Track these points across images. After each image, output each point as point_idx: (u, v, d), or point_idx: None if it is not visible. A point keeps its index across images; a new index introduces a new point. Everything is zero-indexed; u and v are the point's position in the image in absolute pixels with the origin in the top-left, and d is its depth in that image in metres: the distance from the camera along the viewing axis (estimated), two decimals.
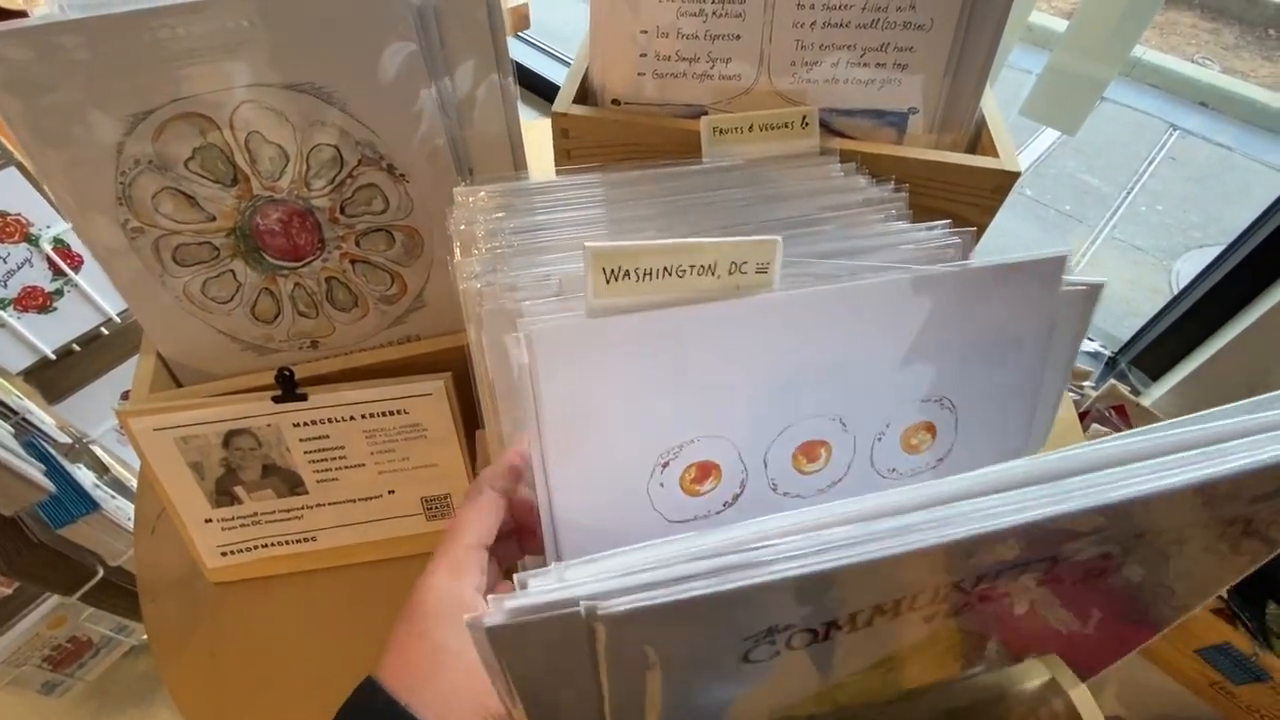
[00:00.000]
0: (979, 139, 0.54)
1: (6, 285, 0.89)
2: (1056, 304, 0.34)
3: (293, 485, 0.53)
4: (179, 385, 0.53)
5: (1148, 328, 1.05)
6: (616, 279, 0.28)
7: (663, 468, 0.33)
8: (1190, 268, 2.01)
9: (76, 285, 0.95)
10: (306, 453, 0.51)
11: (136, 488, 0.65)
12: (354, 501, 0.55)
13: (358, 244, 0.50)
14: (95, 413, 1.03)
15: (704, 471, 0.34)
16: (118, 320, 1.00)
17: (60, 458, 0.91)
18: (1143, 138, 2.48)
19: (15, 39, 0.38)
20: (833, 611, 0.21)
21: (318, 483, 0.53)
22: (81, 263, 0.94)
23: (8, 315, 0.90)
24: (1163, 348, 1.00)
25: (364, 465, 0.53)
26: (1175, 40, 2.95)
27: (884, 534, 0.19)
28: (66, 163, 0.43)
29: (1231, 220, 2.14)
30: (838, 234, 0.41)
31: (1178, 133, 2.51)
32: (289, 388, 0.48)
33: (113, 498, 0.98)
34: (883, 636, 0.24)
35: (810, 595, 0.20)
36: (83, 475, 0.94)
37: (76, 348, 0.98)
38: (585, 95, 0.56)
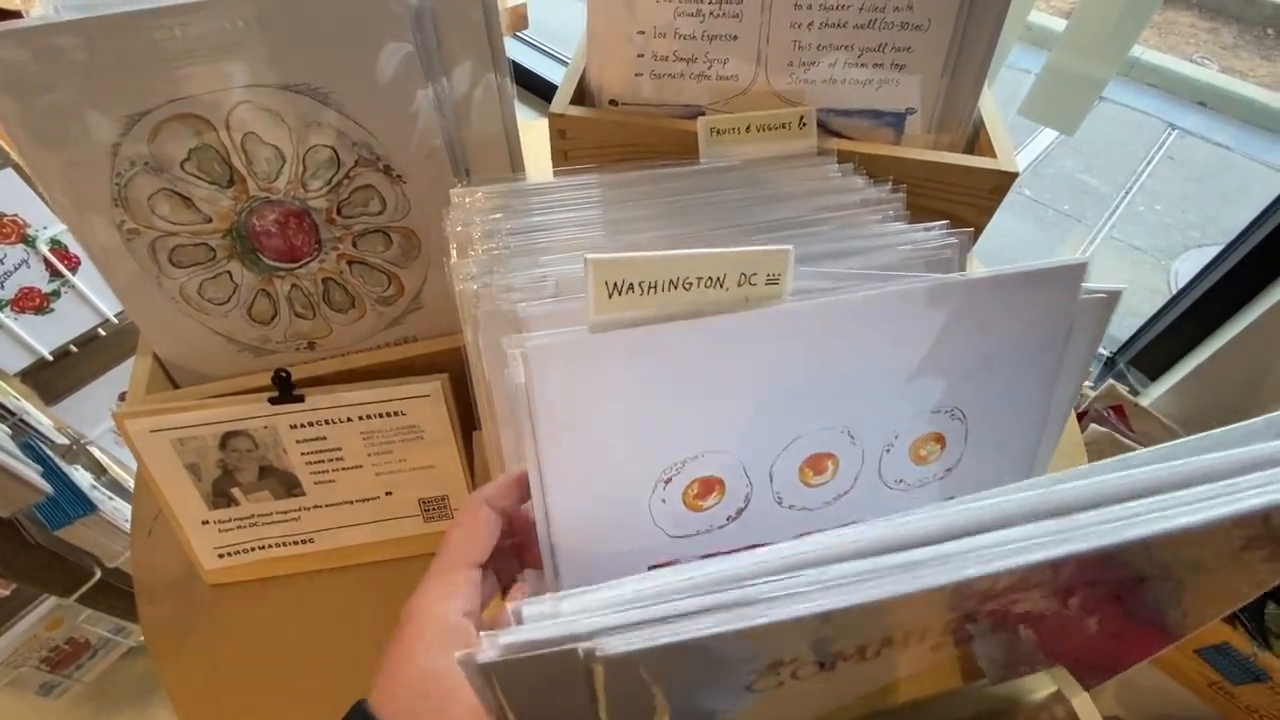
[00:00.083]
0: (977, 139, 0.54)
1: (3, 286, 0.89)
2: (1074, 312, 0.33)
3: (290, 487, 0.53)
4: (176, 386, 0.53)
5: (1146, 327, 1.05)
6: (620, 293, 0.26)
7: (665, 484, 0.32)
8: (1189, 267, 2.01)
9: (74, 286, 0.95)
10: (304, 454, 0.51)
11: (133, 489, 0.65)
12: (351, 503, 0.55)
13: (355, 245, 0.50)
14: (93, 414, 1.03)
15: (707, 487, 0.33)
16: (115, 321, 1.00)
17: (57, 459, 0.91)
18: (1141, 137, 2.48)
19: (11, 40, 0.38)
20: (837, 646, 0.21)
21: (315, 484, 0.53)
22: (79, 264, 0.94)
23: (5, 316, 0.90)
24: (1161, 347, 1.00)
25: (361, 467, 0.53)
26: (1174, 40, 2.95)
27: (890, 570, 0.18)
28: (62, 164, 0.43)
29: (1230, 220, 2.14)
30: (835, 234, 0.41)
31: (1176, 132, 2.51)
32: (286, 389, 0.48)
33: (110, 499, 0.98)
34: (889, 664, 0.23)
35: (814, 633, 0.19)
36: (80, 477, 0.94)
37: (74, 349, 0.98)
38: (583, 96, 0.56)
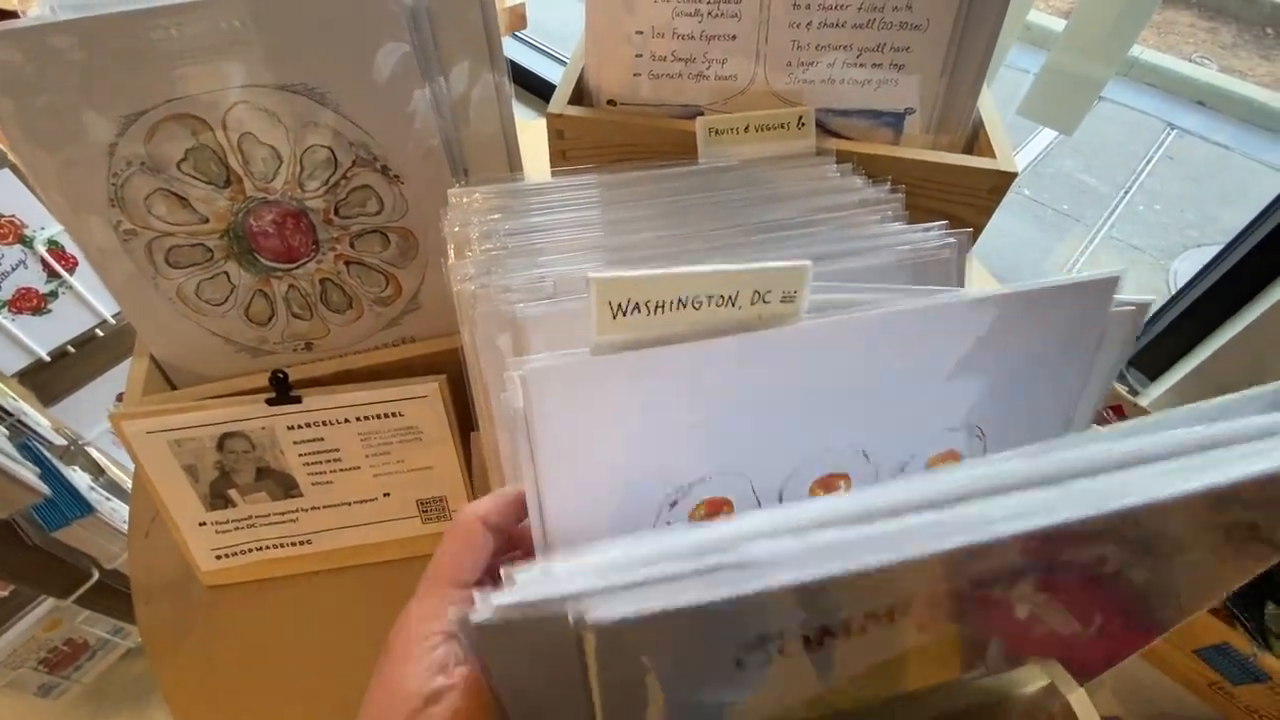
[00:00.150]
0: (976, 139, 0.54)
1: (0, 287, 0.89)
2: (1105, 326, 0.32)
3: (287, 488, 0.53)
4: (173, 388, 0.53)
5: (1145, 327, 1.05)
6: (625, 313, 0.25)
7: (670, 506, 0.31)
8: (1188, 267, 2.01)
9: (71, 287, 0.94)
10: (301, 455, 0.51)
11: (131, 491, 0.65)
12: (349, 504, 0.55)
13: (352, 245, 0.50)
14: (90, 414, 1.02)
15: (714, 508, 0.32)
16: (112, 322, 1.00)
17: (55, 460, 0.91)
18: (1140, 137, 2.48)
19: (7, 40, 0.38)
20: (825, 618, 0.21)
21: (312, 485, 0.53)
22: (76, 264, 0.94)
23: (2, 317, 0.90)
24: (1160, 347, 1.00)
25: (359, 468, 0.53)
26: (1173, 39, 2.95)
27: (877, 539, 0.18)
28: (59, 164, 0.42)
29: (1229, 219, 2.14)
30: (834, 235, 0.41)
31: (1175, 132, 2.51)
32: (283, 390, 0.48)
33: (108, 500, 0.98)
34: (879, 643, 0.23)
35: (800, 601, 0.19)
36: (78, 478, 0.94)
37: (71, 349, 0.97)
38: (581, 96, 0.55)
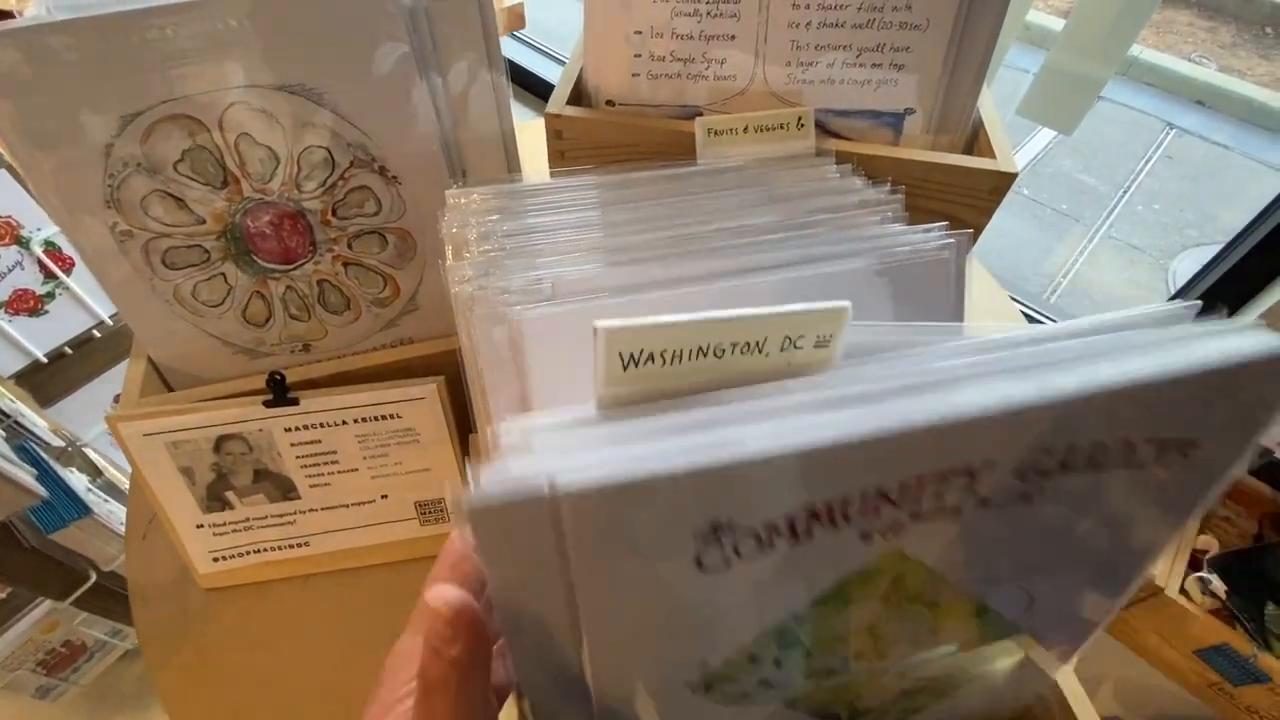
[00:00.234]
0: (976, 139, 0.53)
1: None
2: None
3: (285, 490, 0.53)
4: (170, 389, 0.53)
5: None
6: (637, 364, 0.22)
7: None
8: (1188, 266, 2.01)
9: (68, 288, 0.94)
10: (298, 457, 0.51)
11: (128, 493, 0.65)
12: (347, 506, 0.55)
13: (350, 246, 0.50)
14: (88, 416, 1.02)
15: None
16: (110, 323, 0.99)
17: (52, 462, 0.91)
18: (1139, 136, 2.49)
19: (4, 40, 0.37)
20: (768, 509, 0.22)
21: (310, 487, 0.53)
22: (73, 265, 0.94)
23: None
24: None
25: (357, 470, 0.53)
26: (1172, 39, 2.95)
27: (834, 423, 0.20)
28: (55, 165, 0.42)
29: (1228, 219, 2.15)
30: (833, 236, 0.41)
31: (1174, 131, 2.51)
32: (280, 392, 0.48)
33: (105, 501, 0.98)
34: (826, 554, 0.24)
35: (749, 487, 0.20)
36: (75, 479, 0.94)
37: (68, 350, 0.97)
38: (580, 96, 0.55)
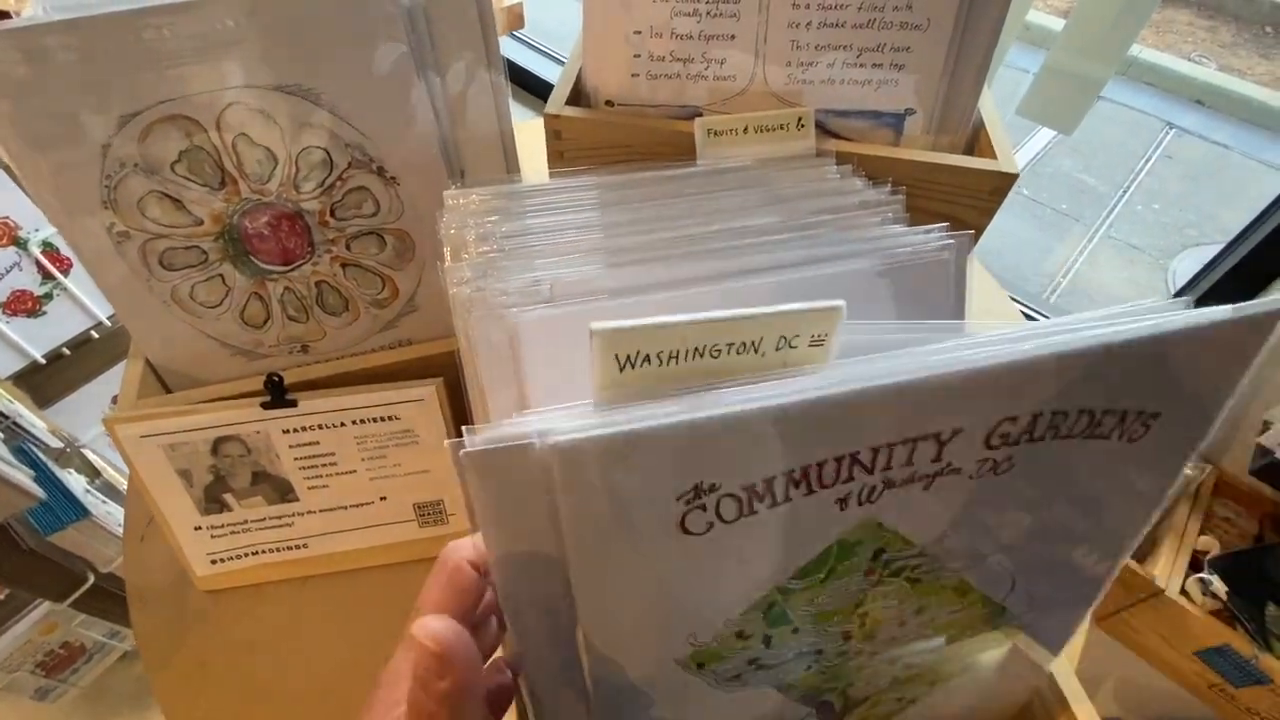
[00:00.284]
0: (976, 140, 0.53)
1: None
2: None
3: (283, 492, 0.52)
4: (168, 391, 0.52)
5: None
6: (633, 365, 0.23)
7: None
8: (1188, 266, 2.01)
9: (66, 289, 0.94)
10: (296, 459, 0.51)
11: (126, 494, 0.65)
12: (345, 508, 0.54)
13: (348, 247, 0.50)
14: (86, 417, 1.02)
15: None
16: (108, 324, 0.99)
17: (50, 463, 0.90)
18: (1139, 136, 2.48)
19: (1, 40, 0.37)
20: (747, 471, 0.22)
21: (308, 489, 0.53)
22: (70, 266, 0.93)
23: None
24: None
25: (355, 471, 0.52)
26: (1171, 38, 2.95)
27: (776, 393, 0.21)
28: (52, 165, 0.42)
29: (1228, 219, 2.14)
30: (834, 237, 0.41)
31: (1174, 131, 2.51)
32: (278, 393, 0.48)
33: (103, 503, 0.97)
34: (805, 521, 0.24)
35: (717, 442, 0.21)
36: (73, 481, 0.93)
37: (66, 351, 0.97)
38: (579, 96, 0.55)
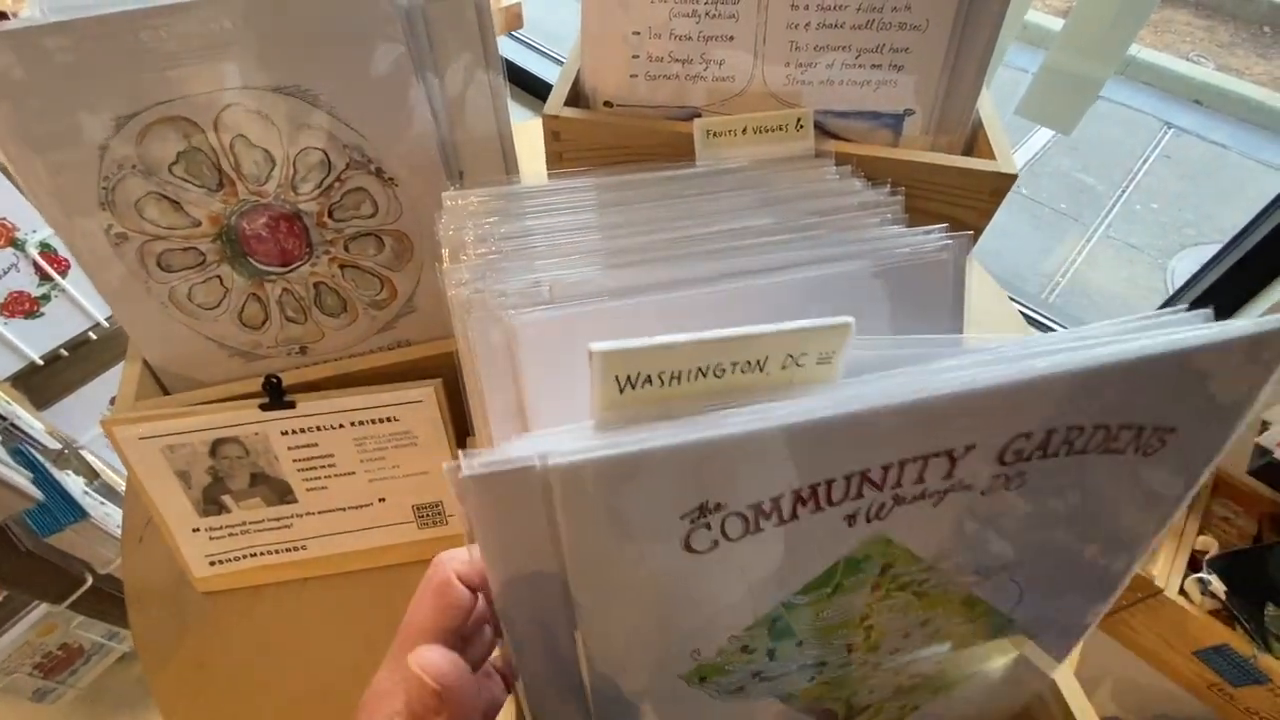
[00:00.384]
0: (975, 140, 0.53)
1: None
2: None
3: (282, 494, 0.52)
4: (166, 392, 0.52)
5: None
6: (634, 386, 0.22)
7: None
8: (1186, 266, 2.01)
9: (64, 290, 0.94)
10: (295, 461, 0.51)
11: (124, 496, 0.64)
12: (344, 510, 0.54)
13: (346, 249, 0.50)
14: (84, 418, 1.02)
15: None
16: (106, 325, 0.99)
17: (48, 465, 0.90)
18: (1137, 136, 2.49)
19: None
20: (754, 490, 0.22)
21: (307, 491, 0.53)
22: (68, 267, 0.93)
23: None
24: None
25: (354, 473, 0.52)
26: (1170, 38, 2.96)
27: (781, 414, 0.21)
28: (50, 167, 0.42)
29: (1227, 218, 2.15)
30: (833, 238, 0.41)
31: (1172, 131, 2.51)
32: (277, 395, 0.47)
33: (101, 504, 0.97)
34: (812, 538, 0.24)
35: (724, 463, 0.21)
36: (71, 482, 0.93)
37: (64, 353, 0.97)
38: (578, 97, 0.55)
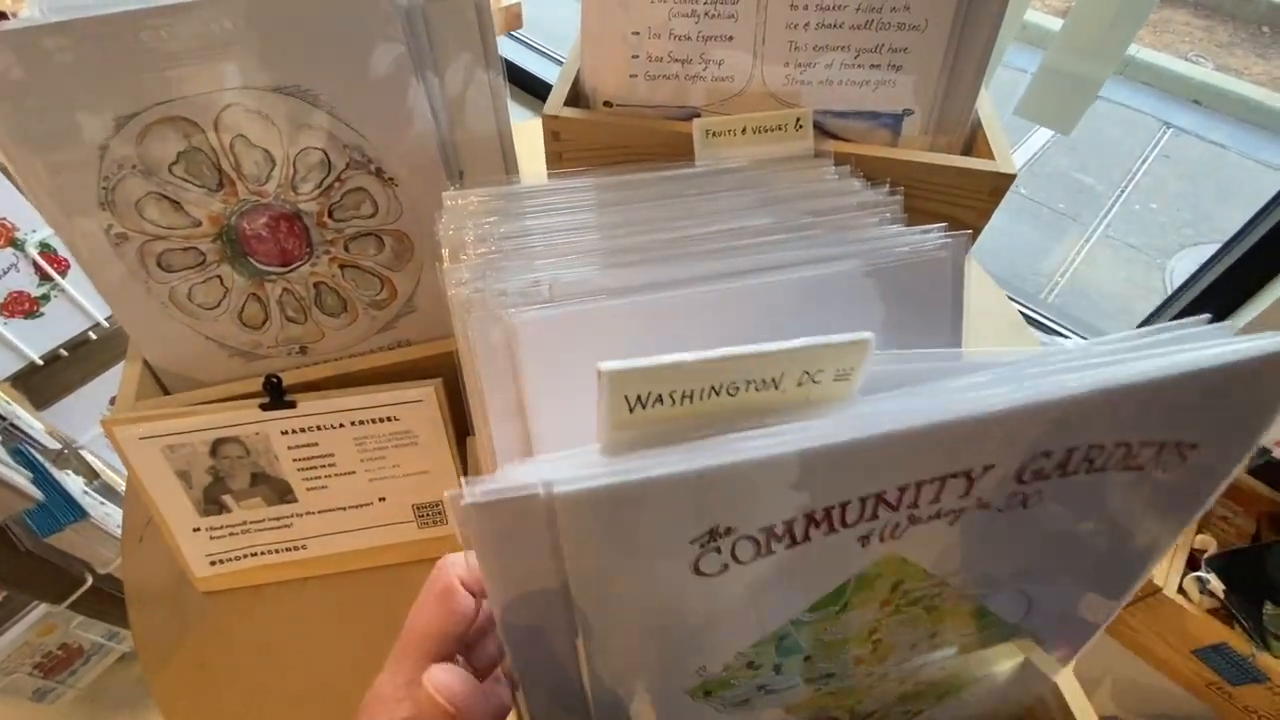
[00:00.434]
0: (974, 140, 0.53)
1: None
2: None
3: (282, 493, 0.52)
4: (166, 392, 0.52)
5: (1142, 327, 1.04)
6: (644, 405, 0.21)
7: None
8: (1185, 266, 2.01)
9: (63, 290, 0.94)
10: (295, 460, 0.51)
11: (124, 496, 0.64)
12: (344, 509, 0.54)
13: (346, 248, 0.50)
14: (84, 418, 1.02)
15: None
16: (105, 325, 0.99)
17: (48, 465, 0.90)
18: (1136, 136, 2.49)
19: None
20: (766, 514, 0.21)
21: (307, 490, 0.53)
22: (68, 267, 0.93)
23: None
24: None
25: (354, 473, 0.52)
26: (1169, 38, 2.96)
27: (793, 432, 0.20)
28: (49, 167, 0.42)
29: (1225, 218, 2.15)
30: (832, 238, 0.41)
31: (1171, 130, 2.51)
32: (277, 395, 0.48)
33: (101, 504, 0.97)
34: (824, 559, 0.23)
35: (735, 488, 0.21)
36: (71, 482, 0.93)
37: (64, 353, 0.97)
38: (577, 97, 0.55)
